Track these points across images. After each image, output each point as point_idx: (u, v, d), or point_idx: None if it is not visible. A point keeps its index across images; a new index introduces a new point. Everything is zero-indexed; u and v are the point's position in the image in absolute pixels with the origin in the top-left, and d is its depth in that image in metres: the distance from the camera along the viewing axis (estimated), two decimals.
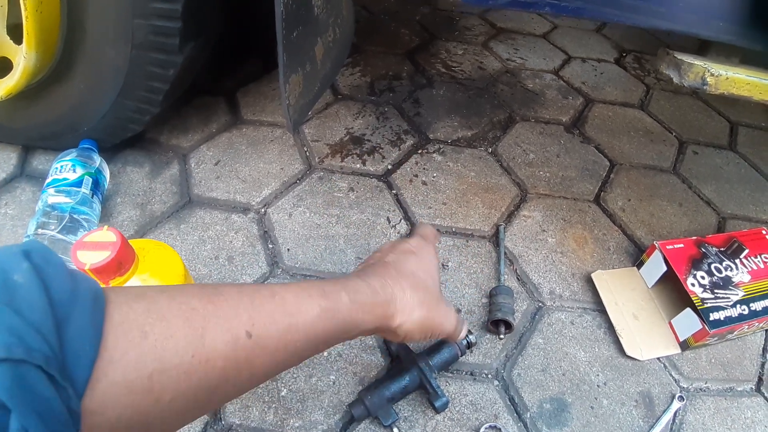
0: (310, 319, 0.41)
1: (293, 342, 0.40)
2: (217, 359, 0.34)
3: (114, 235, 0.41)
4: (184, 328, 0.33)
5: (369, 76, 1.23)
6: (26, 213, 0.81)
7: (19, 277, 0.27)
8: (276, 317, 0.39)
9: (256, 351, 0.37)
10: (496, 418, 0.66)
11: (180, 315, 0.34)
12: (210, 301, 0.36)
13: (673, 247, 0.81)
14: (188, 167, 0.94)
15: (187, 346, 0.33)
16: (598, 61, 1.44)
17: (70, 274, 0.30)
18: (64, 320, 0.28)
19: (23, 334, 0.25)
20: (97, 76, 0.80)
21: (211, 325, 0.35)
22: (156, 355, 0.31)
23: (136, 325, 0.31)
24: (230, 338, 0.35)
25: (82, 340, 0.28)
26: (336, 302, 0.43)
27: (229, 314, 0.36)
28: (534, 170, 1.03)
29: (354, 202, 0.91)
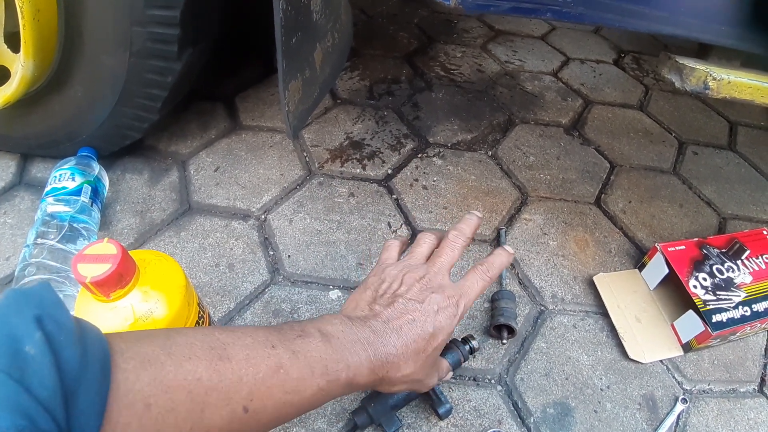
0: (306, 397, 0.42)
1: (285, 415, 0.42)
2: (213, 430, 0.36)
3: (114, 248, 0.41)
4: (186, 402, 0.35)
5: (368, 80, 1.22)
6: (25, 222, 0.81)
7: (31, 348, 0.28)
8: (275, 393, 0.40)
9: (250, 423, 0.39)
10: (500, 424, 0.66)
11: (185, 386, 0.35)
12: (216, 369, 0.37)
13: (675, 248, 0.81)
14: (187, 174, 0.93)
15: (187, 419, 0.35)
16: (596, 62, 1.44)
17: (80, 339, 0.31)
18: (73, 394, 0.29)
19: (34, 416, 0.26)
20: (95, 83, 0.79)
21: (212, 399, 0.36)
22: (157, 428, 0.33)
23: (141, 396, 0.33)
24: (228, 413, 0.37)
25: (88, 416, 0.29)
26: (334, 383, 0.44)
27: (231, 388, 0.37)
28: (534, 173, 1.03)
29: (354, 207, 0.91)
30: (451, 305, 0.51)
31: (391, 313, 0.49)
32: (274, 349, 0.41)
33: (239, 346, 0.40)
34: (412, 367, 0.49)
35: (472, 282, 0.54)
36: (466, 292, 0.53)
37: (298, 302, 0.76)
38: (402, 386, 0.51)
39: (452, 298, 0.51)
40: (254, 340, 0.41)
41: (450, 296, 0.51)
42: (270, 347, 0.41)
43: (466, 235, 0.57)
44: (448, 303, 0.51)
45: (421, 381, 0.53)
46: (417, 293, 0.51)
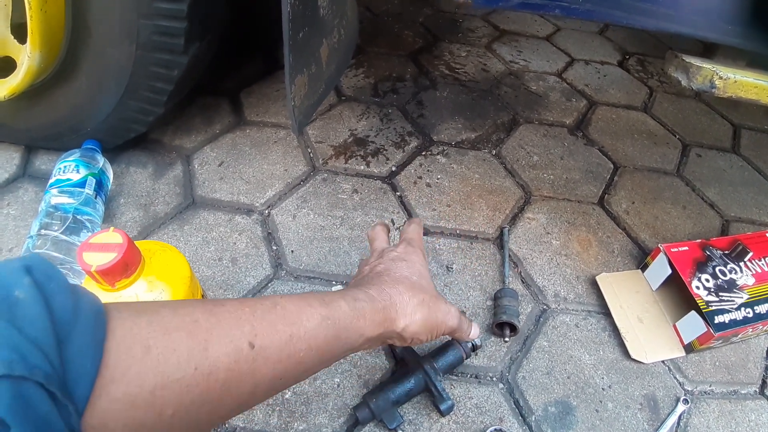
0: (311, 327, 0.41)
1: (296, 352, 0.40)
2: (220, 371, 0.34)
3: (120, 237, 0.41)
4: (187, 340, 0.33)
5: (373, 77, 1.22)
6: (29, 213, 0.81)
7: (21, 293, 0.27)
8: (278, 327, 0.39)
9: (258, 362, 0.37)
10: (501, 422, 0.66)
11: (183, 328, 0.34)
12: (212, 313, 0.36)
13: (678, 249, 0.81)
14: (192, 168, 0.93)
15: (189, 359, 0.33)
16: (601, 63, 1.44)
17: (72, 290, 0.30)
18: (66, 337, 0.28)
19: (24, 351, 0.25)
20: (101, 76, 0.79)
21: (214, 336, 0.35)
22: (158, 369, 0.31)
23: (139, 339, 0.31)
24: (233, 349, 0.35)
25: (83, 358, 0.28)
26: (336, 310, 0.44)
27: (232, 325, 0.36)
28: (538, 172, 1.03)
29: (358, 203, 0.91)
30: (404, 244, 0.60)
31: (363, 275, 0.56)
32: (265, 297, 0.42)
33: (230, 299, 0.40)
34: (410, 288, 0.52)
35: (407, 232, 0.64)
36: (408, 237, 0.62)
37: None
38: (422, 312, 0.51)
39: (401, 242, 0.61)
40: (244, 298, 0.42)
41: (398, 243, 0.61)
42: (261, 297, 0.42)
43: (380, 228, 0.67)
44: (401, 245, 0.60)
45: (437, 305, 0.54)
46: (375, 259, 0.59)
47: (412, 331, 0.51)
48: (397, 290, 0.51)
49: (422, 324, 0.51)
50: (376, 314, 0.47)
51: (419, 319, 0.51)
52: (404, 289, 0.51)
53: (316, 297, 0.44)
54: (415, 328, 0.50)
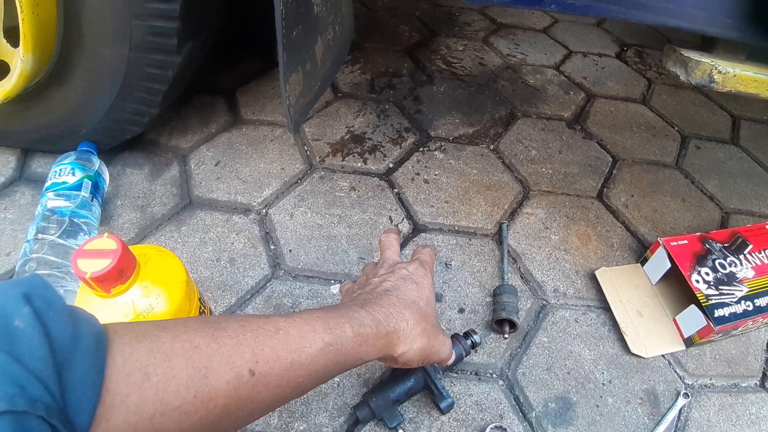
0: (313, 353, 0.41)
1: (296, 378, 0.40)
2: (219, 398, 0.34)
3: (114, 243, 0.40)
4: (187, 367, 0.33)
5: (369, 73, 1.22)
6: (26, 217, 0.81)
7: (20, 322, 0.27)
8: (279, 353, 0.39)
9: (258, 388, 0.37)
10: (502, 418, 0.66)
11: (183, 354, 0.34)
12: (213, 338, 0.36)
13: (677, 243, 0.80)
14: (188, 168, 0.93)
15: (189, 386, 0.33)
16: (599, 55, 1.43)
17: (71, 316, 0.30)
18: (66, 366, 0.28)
19: (25, 384, 0.25)
20: (95, 78, 0.79)
21: (215, 363, 0.35)
22: (158, 397, 0.31)
23: (139, 366, 0.31)
24: (233, 377, 0.35)
25: (84, 386, 0.28)
26: (339, 336, 0.43)
27: (232, 351, 0.36)
28: (536, 167, 1.03)
29: (356, 201, 0.91)
30: (416, 264, 0.59)
31: (372, 287, 0.54)
32: (268, 318, 0.41)
33: (233, 320, 0.39)
34: (416, 315, 0.51)
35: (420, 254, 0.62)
36: (421, 258, 0.61)
37: (299, 297, 0.76)
38: (421, 341, 0.51)
39: (414, 262, 0.60)
40: (247, 315, 0.41)
41: (411, 261, 0.60)
42: (263, 318, 0.41)
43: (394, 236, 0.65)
44: (413, 264, 0.59)
45: (436, 335, 0.54)
46: (384, 271, 0.57)
47: (407, 358, 0.51)
48: (403, 316, 0.50)
49: (419, 353, 0.51)
50: (378, 340, 0.47)
51: (417, 348, 0.51)
52: (410, 315, 0.51)
53: (319, 320, 0.43)
54: (411, 356, 0.51)
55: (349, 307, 0.48)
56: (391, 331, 0.48)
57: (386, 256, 0.62)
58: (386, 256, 0.62)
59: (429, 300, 0.55)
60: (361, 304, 0.49)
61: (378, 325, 0.47)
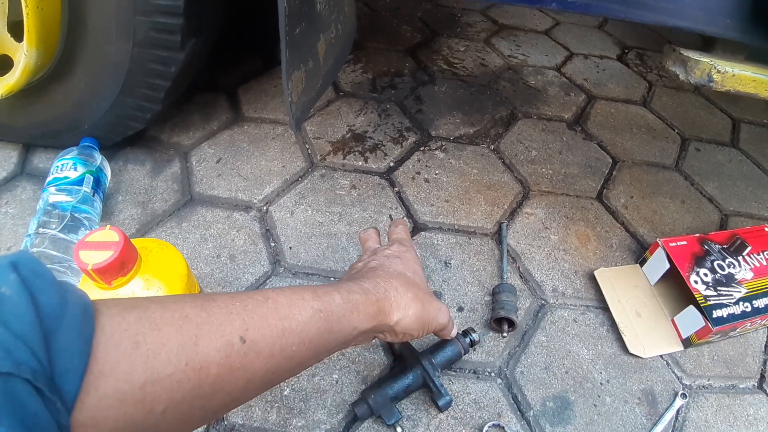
0: (303, 321, 0.41)
1: (288, 346, 0.40)
2: (211, 366, 0.34)
3: (117, 235, 0.41)
4: (177, 336, 0.33)
5: (371, 72, 1.22)
6: (27, 212, 0.81)
7: (6, 289, 0.27)
8: (269, 321, 0.39)
9: (250, 356, 0.37)
10: (500, 417, 0.66)
11: (173, 323, 0.33)
12: (203, 308, 0.36)
13: (676, 244, 0.81)
14: (189, 165, 0.93)
15: (180, 354, 0.33)
16: (600, 57, 1.43)
17: (58, 286, 0.30)
18: (53, 333, 0.28)
19: (10, 347, 0.25)
20: (98, 73, 0.79)
21: (204, 331, 0.35)
22: (148, 365, 0.31)
23: (128, 335, 0.31)
24: (224, 344, 0.35)
25: (71, 353, 0.28)
26: (329, 303, 0.43)
27: (222, 320, 0.36)
28: (536, 167, 1.03)
29: (356, 199, 0.91)
30: (396, 243, 0.61)
31: (356, 270, 0.56)
32: (257, 290, 0.42)
33: (221, 294, 0.40)
34: (404, 284, 0.52)
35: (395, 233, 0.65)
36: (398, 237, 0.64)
37: None
38: (415, 307, 0.51)
39: (393, 242, 0.62)
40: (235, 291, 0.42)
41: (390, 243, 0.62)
42: (253, 291, 0.41)
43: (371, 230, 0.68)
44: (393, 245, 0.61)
45: (430, 301, 0.54)
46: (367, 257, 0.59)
47: (404, 325, 0.51)
48: (392, 284, 0.51)
49: (415, 319, 0.51)
50: (369, 307, 0.47)
51: (412, 314, 0.51)
52: (398, 283, 0.52)
53: (308, 290, 0.44)
54: (407, 323, 0.51)
55: (337, 282, 0.49)
56: (381, 297, 0.49)
57: (367, 246, 0.64)
58: (367, 246, 0.65)
59: (416, 270, 0.57)
60: (348, 279, 0.51)
61: (367, 293, 0.48)
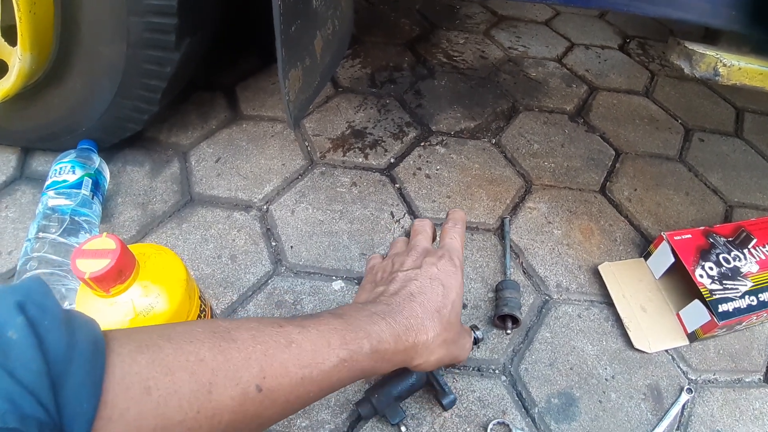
0: (326, 370, 0.39)
1: (306, 393, 0.38)
2: (224, 414, 0.33)
3: (113, 242, 0.40)
4: (191, 382, 0.32)
5: (369, 67, 1.21)
6: (27, 216, 0.81)
7: (13, 333, 0.27)
8: (290, 369, 0.37)
9: (265, 404, 0.36)
10: (504, 414, 0.66)
11: (187, 368, 0.32)
12: (220, 350, 0.35)
13: (681, 237, 0.80)
14: (189, 165, 0.93)
15: (192, 401, 0.32)
16: (601, 47, 1.42)
17: (67, 324, 0.29)
18: (61, 379, 0.27)
19: (17, 399, 0.25)
20: (93, 75, 0.79)
21: (220, 378, 0.33)
22: (159, 411, 0.30)
23: (139, 379, 0.30)
24: (239, 393, 0.34)
25: (80, 399, 0.27)
26: (356, 353, 0.41)
27: (240, 367, 0.35)
28: (538, 161, 1.02)
29: (357, 197, 0.90)
30: (446, 258, 0.54)
31: (397, 286, 0.51)
32: (282, 327, 0.39)
33: (244, 329, 0.37)
34: (438, 326, 0.48)
35: (450, 238, 0.58)
36: (451, 247, 0.56)
37: (301, 293, 0.76)
38: (440, 352, 0.49)
39: (444, 256, 0.55)
40: (260, 323, 0.39)
41: (441, 255, 0.55)
42: (277, 326, 0.39)
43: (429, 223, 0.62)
44: (443, 260, 0.54)
45: (456, 342, 0.52)
46: (411, 263, 0.54)
47: (423, 368, 0.50)
48: (425, 329, 0.47)
49: (435, 362, 0.50)
50: (396, 356, 0.45)
51: (434, 359, 0.49)
52: (431, 327, 0.48)
53: (337, 333, 0.41)
54: (427, 366, 0.49)
55: (370, 316, 0.45)
56: (409, 346, 0.46)
57: (417, 241, 0.58)
58: (417, 240, 0.59)
59: (455, 305, 0.52)
60: (383, 314, 0.46)
61: (397, 341, 0.45)
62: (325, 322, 0.41)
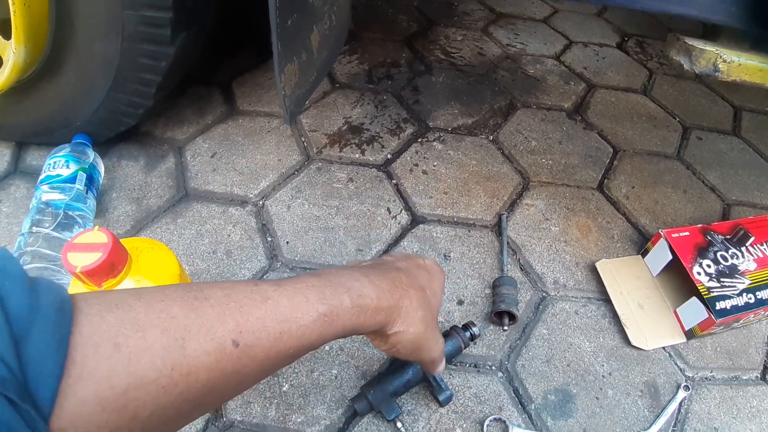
0: (305, 324, 0.38)
1: (286, 349, 0.37)
2: (201, 371, 0.32)
3: (105, 236, 0.39)
4: (163, 338, 0.31)
5: (367, 63, 1.20)
6: (21, 210, 0.80)
7: None
8: (267, 324, 0.36)
9: (243, 360, 0.34)
10: (501, 410, 0.66)
11: (158, 324, 0.31)
12: (192, 307, 0.33)
13: (679, 235, 0.80)
14: (184, 160, 0.92)
15: (166, 358, 0.30)
16: (599, 45, 1.41)
17: (30, 285, 0.28)
18: (23, 337, 0.26)
19: None
20: (88, 69, 0.78)
21: (193, 334, 0.32)
22: (131, 369, 0.29)
23: (108, 336, 0.29)
24: (214, 348, 0.33)
25: (44, 357, 0.26)
26: (336, 307, 0.40)
27: (214, 322, 0.33)
28: (536, 158, 1.02)
29: (353, 192, 0.90)
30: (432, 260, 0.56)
31: (382, 261, 0.51)
32: (256, 285, 0.38)
33: (217, 287, 0.36)
34: (421, 299, 0.48)
35: None
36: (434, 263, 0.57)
37: None
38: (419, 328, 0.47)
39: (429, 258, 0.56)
40: (233, 284, 0.38)
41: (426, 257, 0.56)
42: (251, 286, 0.38)
43: None
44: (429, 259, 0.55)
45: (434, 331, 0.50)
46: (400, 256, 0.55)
47: (399, 339, 0.47)
48: (408, 294, 0.47)
49: (413, 338, 0.47)
50: (377, 314, 0.43)
51: (413, 332, 0.47)
52: (414, 295, 0.47)
53: (315, 289, 0.40)
54: (404, 338, 0.47)
55: (351, 273, 0.44)
56: (393, 305, 0.45)
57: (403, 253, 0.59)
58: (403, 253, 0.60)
59: (436, 294, 0.52)
60: (366, 272, 0.45)
61: (379, 297, 0.43)
62: (303, 280, 0.41)
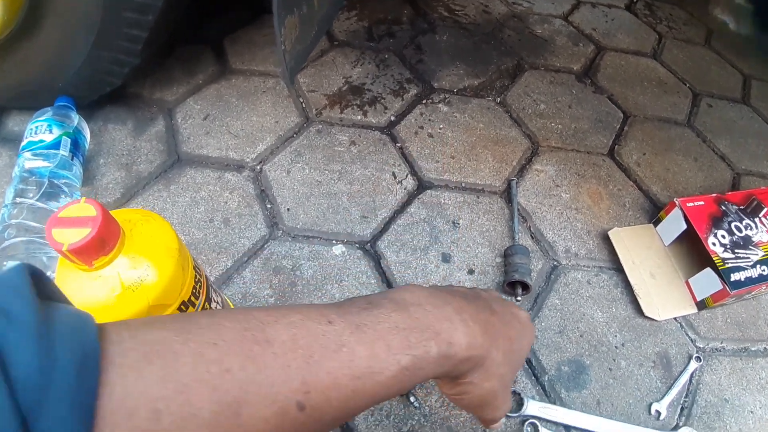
0: (383, 380, 0.31)
1: (356, 408, 0.31)
2: None
3: (94, 209, 0.35)
4: (213, 402, 0.25)
5: (367, 20, 1.13)
6: (3, 180, 0.75)
7: None
8: (339, 381, 0.29)
9: (308, 425, 0.28)
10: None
11: (208, 382, 0.25)
12: (251, 356, 0.27)
13: (694, 204, 0.77)
14: (174, 123, 0.86)
15: (215, 427, 0.25)
16: (608, 6, 1.35)
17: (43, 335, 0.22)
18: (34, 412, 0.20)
19: None
20: (69, 25, 0.71)
21: (251, 396, 0.26)
22: None
23: (146, 400, 0.23)
24: (275, 413, 0.27)
25: None
26: (420, 359, 0.32)
27: (276, 379, 0.27)
28: (545, 122, 0.97)
29: (356, 156, 0.85)
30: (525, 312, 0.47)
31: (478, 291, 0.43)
32: (331, 325, 0.31)
33: (283, 324, 0.29)
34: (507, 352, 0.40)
35: None
36: None
37: (299, 258, 0.72)
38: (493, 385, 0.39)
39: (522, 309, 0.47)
40: (303, 316, 0.31)
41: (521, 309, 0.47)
42: (325, 323, 0.31)
43: None
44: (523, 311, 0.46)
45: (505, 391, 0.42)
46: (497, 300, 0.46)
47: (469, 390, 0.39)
48: (497, 345, 0.38)
49: (485, 394, 0.39)
50: (463, 364, 0.36)
51: (487, 387, 0.39)
52: (503, 348, 0.39)
53: (399, 333, 0.32)
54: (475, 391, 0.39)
55: (442, 309, 0.36)
56: (481, 354, 0.37)
57: None
58: None
59: (523, 350, 0.44)
60: (460, 308, 0.37)
61: (470, 345, 0.35)
62: (385, 316, 0.33)
